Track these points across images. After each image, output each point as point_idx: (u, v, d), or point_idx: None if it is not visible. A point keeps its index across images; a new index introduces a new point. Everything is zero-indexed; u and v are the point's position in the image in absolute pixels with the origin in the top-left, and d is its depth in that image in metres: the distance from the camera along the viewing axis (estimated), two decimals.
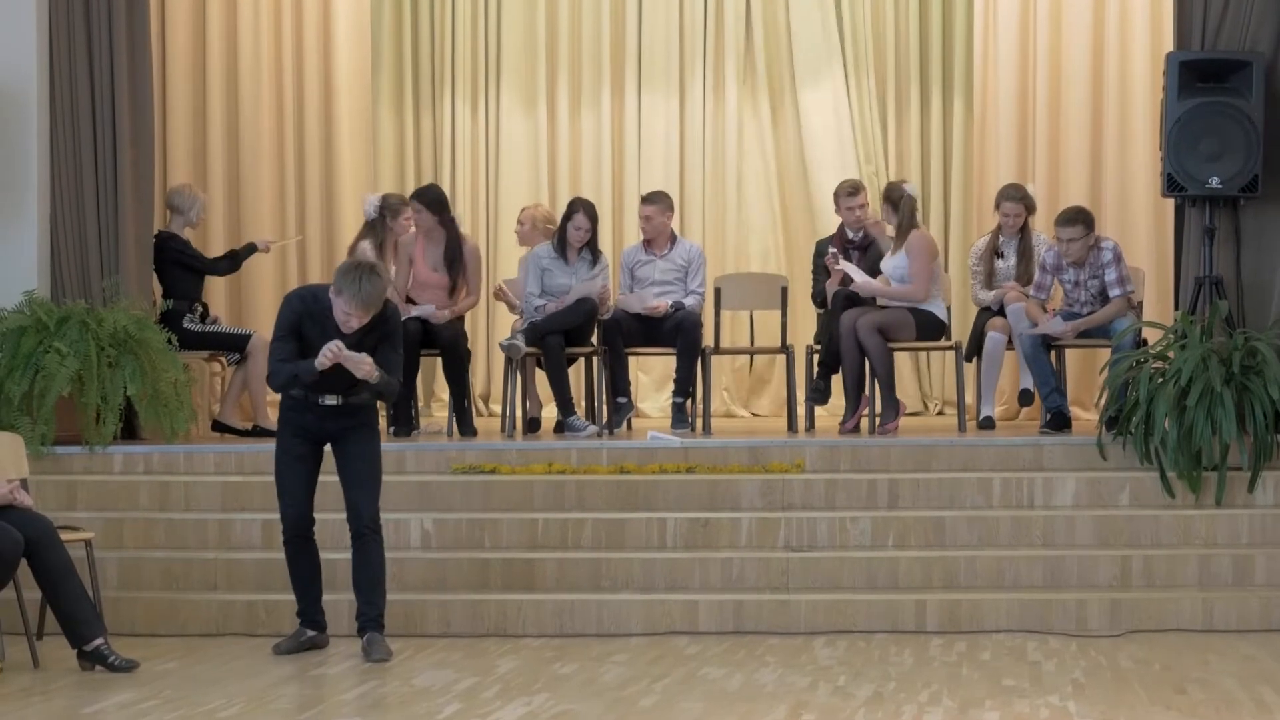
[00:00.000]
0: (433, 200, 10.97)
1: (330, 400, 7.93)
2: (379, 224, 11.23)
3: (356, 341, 7.79)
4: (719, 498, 9.33)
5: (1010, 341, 10.69)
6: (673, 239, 11.08)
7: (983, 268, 11.01)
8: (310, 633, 8.16)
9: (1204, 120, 9.95)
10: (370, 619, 7.99)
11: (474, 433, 10.73)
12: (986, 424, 10.80)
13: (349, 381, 7.84)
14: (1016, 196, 10.98)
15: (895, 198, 10.86)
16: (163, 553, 9.21)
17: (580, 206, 10.97)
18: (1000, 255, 11.02)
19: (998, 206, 11.04)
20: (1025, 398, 10.99)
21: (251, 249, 11.39)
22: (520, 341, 10.59)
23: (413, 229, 11.12)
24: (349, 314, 7.75)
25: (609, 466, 9.61)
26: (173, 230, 11.00)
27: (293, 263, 12.86)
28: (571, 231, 10.89)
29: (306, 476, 8.06)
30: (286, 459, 8.05)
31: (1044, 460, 9.59)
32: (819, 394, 10.90)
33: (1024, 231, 10.97)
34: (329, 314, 7.83)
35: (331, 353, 7.69)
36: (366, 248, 11.08)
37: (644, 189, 13.51)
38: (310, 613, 8.19)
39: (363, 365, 7.72)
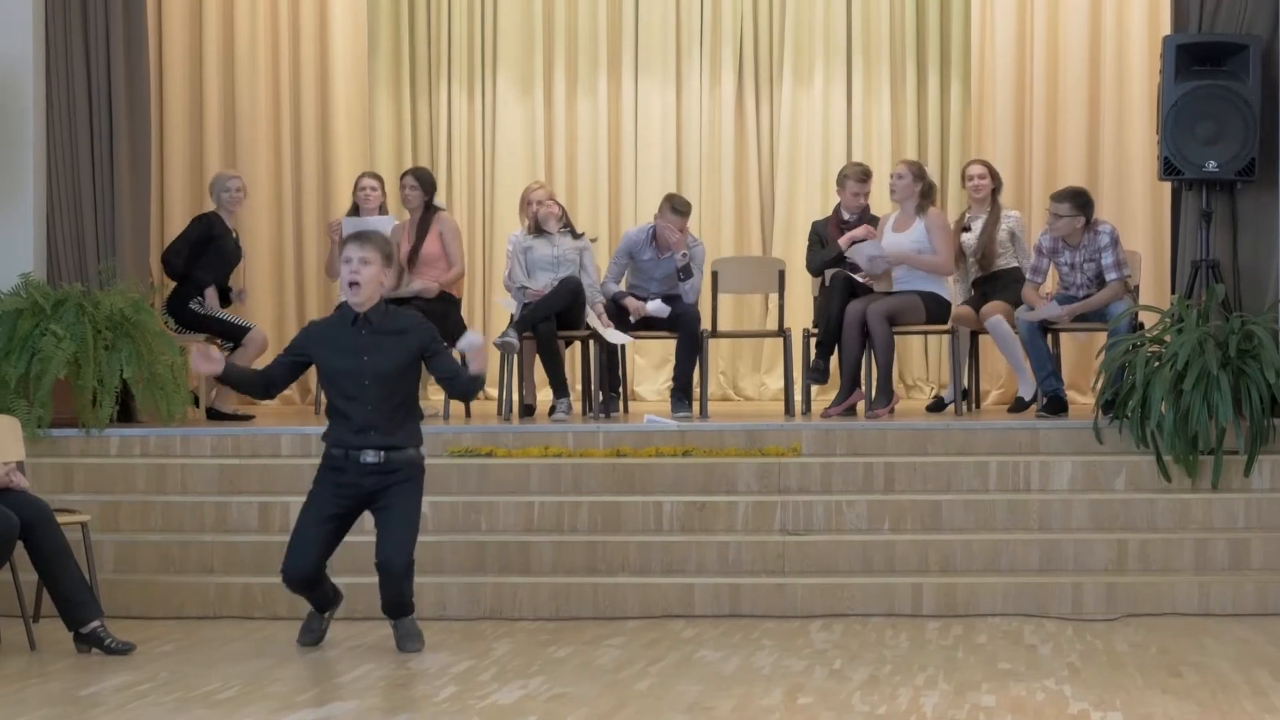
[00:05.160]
0: (427, 180, 11.37)
1: (371, 457, 7.56)
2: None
3: (380, 342, 7.63)
4: (715, 481, 9.34)
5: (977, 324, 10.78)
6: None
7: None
8: (325, 615, 7.95)
9: (1201, 104, 9.94)
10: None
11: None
12: (1018, 405, 10.87)
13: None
14: (981, 161, 11.17)
15: (924, 177, 10.82)
16: (159, 535, 9.22)
17: (538, 187, 11.26)
18: (967, 228, 11.07)
19: (964, 174, 11.14)
20: (1019, 404, 10.95)
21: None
22: (513, 338, 10.60)
23: (373, 200, 11.37)
24: (355, 256, 7.58)
25: (605, 450, 9.61)
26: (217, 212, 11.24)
27: (289, 250, 12.86)
28: (538, 209, 10.99)
29: (330, 537, 7.67)
30: (316, 517, 7.61)
31: (1040, 444, 9.59)
32: (818, 373, 10.89)
33: (992, 207, 11.00)
34: (342, 325, 7.69)
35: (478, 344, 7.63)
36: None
37: (641, 174, 13.56)
38: (322, 605, 7.94)
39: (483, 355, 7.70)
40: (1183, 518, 9.09)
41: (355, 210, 11.39)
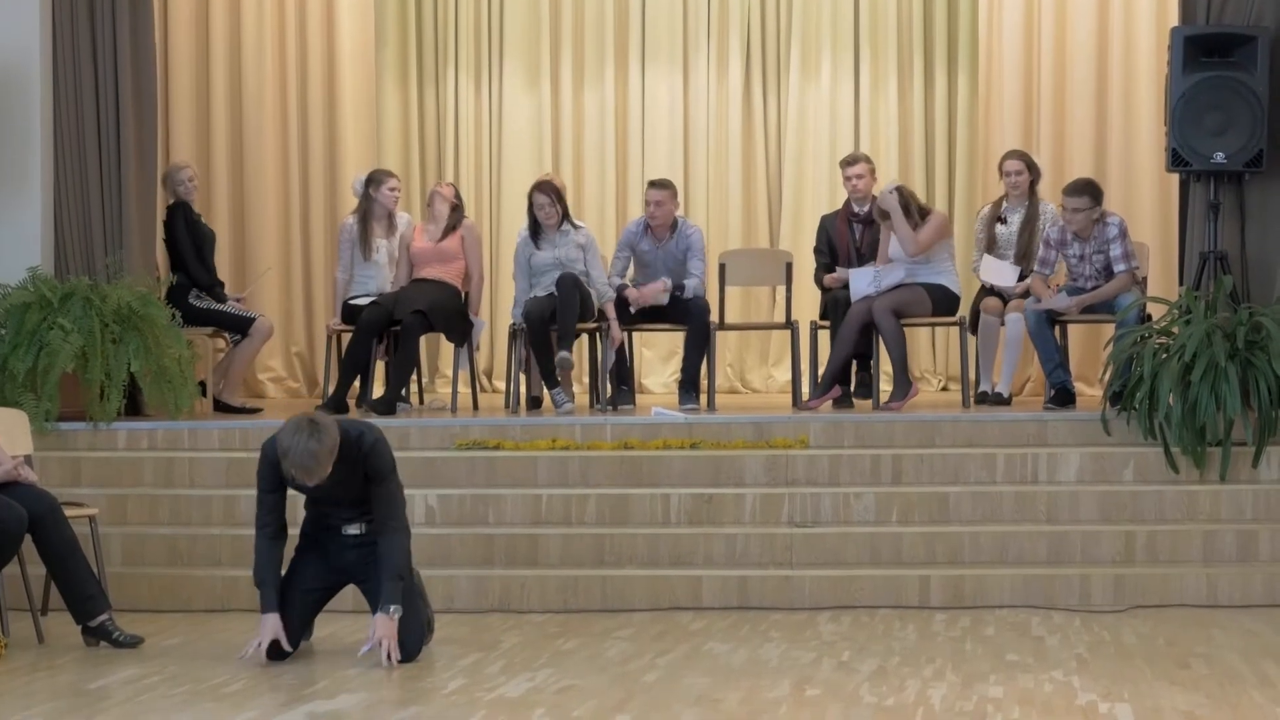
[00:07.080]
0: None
1: (353, 530, 7.41)
2: (364, 198, 11.28)
3: (338, 481, 7.19)
4: (723, 473, 9.34)
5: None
6: (674, 226, 11.00)
7: (985, 233, 11.02)
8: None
9: (1209, 95, 9.94)
10: None
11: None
12: (982, 398, 10.75)
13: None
14: (1018, 155, 11.03)
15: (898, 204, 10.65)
16: (167, 529, 9.23)
17: (537, 188, 10.98)
18: (1002, 220, 11.01)
19: (1000, 168, 11.06)
20: (982, 398, 10.87)
21: (222, 299, 11.22)
22: (568, 354, 10.52)
23: (397, 199, 11.35)
24: (293, 478, 7.10)
25: (613, 442, 9.61)
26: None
27: (296, 241, 12.86)
28: (538, 213, 10.91)
29: (312, 609, 7.54)
30: (292, 591, 7.41)
31: (1048, 436, 9.59)
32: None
33: (1031, 200, 10.95)
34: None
35: None
36: (351, 223, 11.24)
37: (648, 165, 13.55)
38: None
39: None
40: (1190, 509, 9.08)
41: (363, 214, 11.26)
